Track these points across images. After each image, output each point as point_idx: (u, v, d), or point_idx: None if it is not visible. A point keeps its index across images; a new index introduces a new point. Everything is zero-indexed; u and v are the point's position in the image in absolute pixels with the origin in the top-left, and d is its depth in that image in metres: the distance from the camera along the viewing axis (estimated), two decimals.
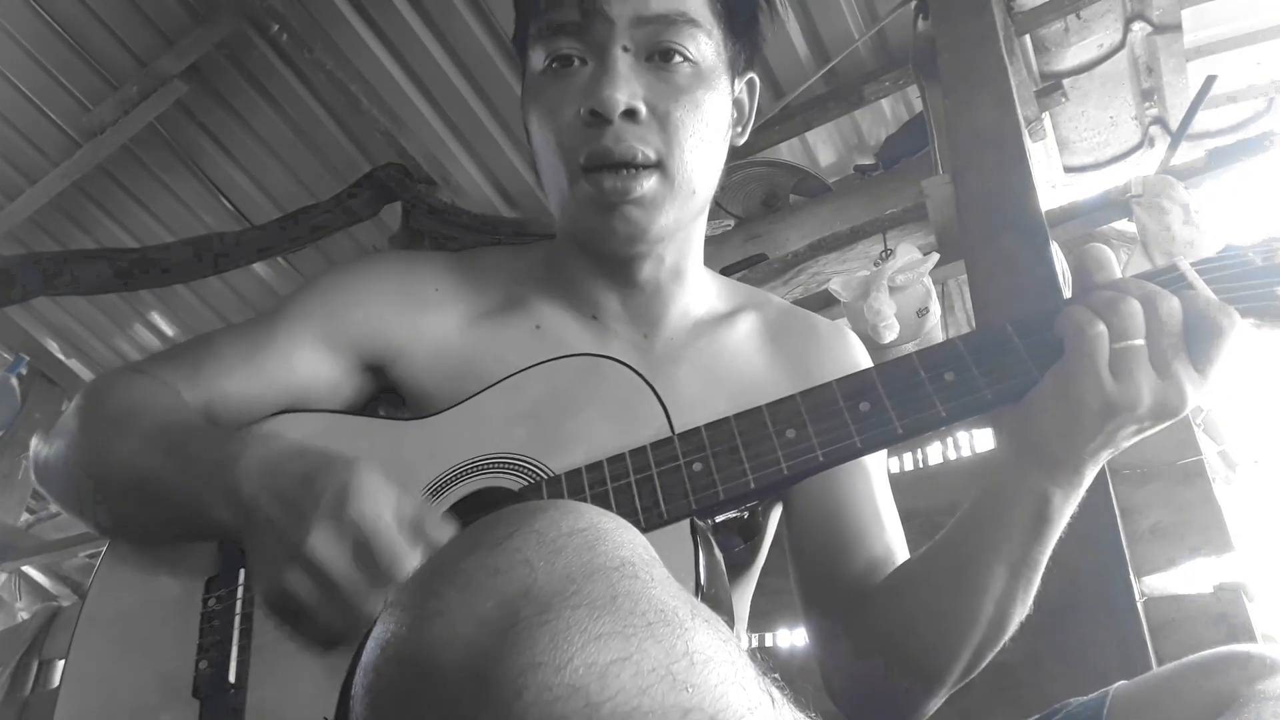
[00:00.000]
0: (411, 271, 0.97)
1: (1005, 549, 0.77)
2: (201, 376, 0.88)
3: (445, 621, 0.43)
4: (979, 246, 1.76)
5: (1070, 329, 0.70)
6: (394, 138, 3.07)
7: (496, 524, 0.48)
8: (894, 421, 0.71)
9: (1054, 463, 0.73)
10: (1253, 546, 1.48)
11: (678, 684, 0.41)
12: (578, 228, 0.91)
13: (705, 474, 0.72)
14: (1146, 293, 0.70)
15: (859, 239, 2.50)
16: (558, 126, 0.87)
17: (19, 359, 3.80)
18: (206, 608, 0.78)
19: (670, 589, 0.46)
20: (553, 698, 0.40)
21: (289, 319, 0.93)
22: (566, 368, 0.82)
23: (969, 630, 0.80)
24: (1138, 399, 0.68)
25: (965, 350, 0.73)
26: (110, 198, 3.59)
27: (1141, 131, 2.80)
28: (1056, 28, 2.55)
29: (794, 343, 1.02)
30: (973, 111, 1.91)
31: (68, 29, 3.07)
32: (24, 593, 3.93)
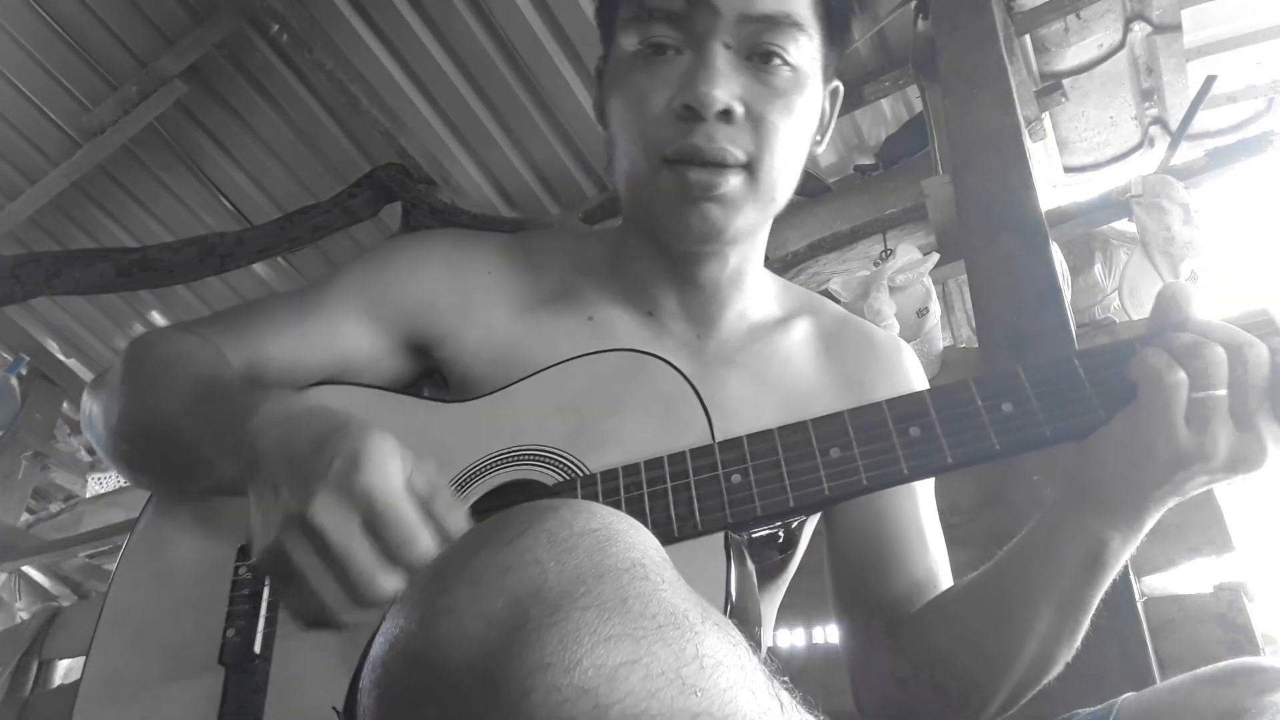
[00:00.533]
0: (466, 252, 0.95)
1: (1054, 590, 0.74)
2: (246, 337, 0.88)
3: (454, 619, 0.43)
4: (979, 246, 1.76)
5: (1147, 374, 0.65)
6: (394, 138, 3.07)
7: (508, 521, 0.48)
8: (945, 450, 0.68)
9: (1115, 508, 0.70)
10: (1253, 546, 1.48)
11: (687, 687, 0.41)
12: (652, 218, 0.87)
13: (744, 487, 0.70)
14: (1232, 338, 0.65)
15: (859, 239, 2.50)
16: (645, 114, 0.83)
17: (19, 359, 3.80)
18: (238, 575, 0.77)
19: (681, 592, 0.46)
20: (561, 699, 0.39)
21: (338, 289, 0.91)
22: (611, 362, 0.80)
23: (1010, 667, 0.78)
24: (1213, 452, 0.64)
25: (1027, 381, 0.69)
26: (110, 198, 3.59)
27: (1141, 131, 2.80)
28: (1056, 28, 2.56)
29: (848, 353, 0.99)
30: (973, 111, 1.91)
31: (68, 29, 3.07)
32: (24, 593, 3.93)
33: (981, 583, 0.81)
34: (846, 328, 1.01)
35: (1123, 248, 2.32)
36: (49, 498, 4.43)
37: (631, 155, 0.85)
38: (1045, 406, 0.68)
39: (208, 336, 0.88)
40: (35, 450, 3.79)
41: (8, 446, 3.72)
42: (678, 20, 0.82)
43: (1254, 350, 0.64)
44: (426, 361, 0.93)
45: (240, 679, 0.72)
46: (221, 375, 0.82)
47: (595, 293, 0.94)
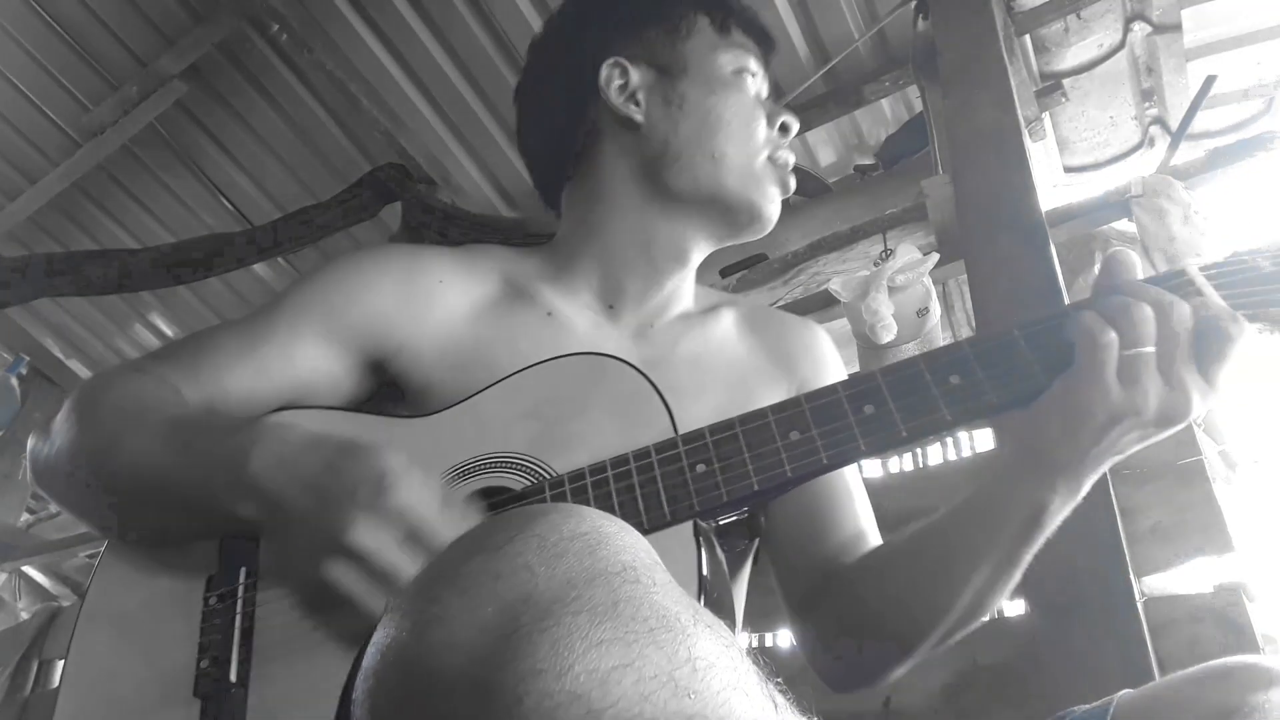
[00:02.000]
0: (414, 264, 0.97)
1: (993, 548, 0.79)
2: (201, 374, 0.88)
3: (446, 627, 0.43)
4: (979, 246, 1.76)
5: (1083, 336, 0.70)
6: (394, 138, 3.07)
7: (497, 528, 0.48)
8: (899, 425, 0.71)
9: (1056, 469, 0.73)
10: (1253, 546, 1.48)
11: (680, 690, 0.41)
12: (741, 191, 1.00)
13: (709, 475, 0.72)
14: (1158, 299, 0.69)
15: (859, 239, 2.50)
16: (756, 119, 1.01)
17: (19, 359, 3.80)
18: (208, 606, 0.77)
19: (673, 594, 0.46)
20: (554, 705, 0.39)
21: (289, 313, 0.92)
22: (572, 366, 0.82)
23: (944, 615, 0.83)
24: (1144, 405, 0.69)
25: (971, 354, 0.73)
26: (110, 198, 3.59)
27: (1141, 131, 2.80)
28: (1056, 28, 2.55)
29: (769, 333, 1.09)
30: (973, 111, 1.91)
31: (68, 29, 3.07)
32: (24, 593, 3.93)
33: (925, 535, 0.86)
34: (761, 313, 1.14)
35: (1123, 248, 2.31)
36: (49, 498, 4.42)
37: (743, 138, 1.00)
38: (990, 376, 0.72)
39: (159, 375, 0.88)
40: None
41: (8, 446, 3.71)
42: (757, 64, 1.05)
43: (1177, 309, 0.69)
44: (383, 375, 0.94)
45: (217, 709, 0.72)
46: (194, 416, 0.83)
47: (549, 291, 1.00)
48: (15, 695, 2.57)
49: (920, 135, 2.66)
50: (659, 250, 1.01)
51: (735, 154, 0.99)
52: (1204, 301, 0.70)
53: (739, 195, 0.99)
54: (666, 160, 0.99)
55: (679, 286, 1.05)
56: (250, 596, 0.77)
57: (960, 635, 0.86)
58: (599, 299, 1.02)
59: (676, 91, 1.00)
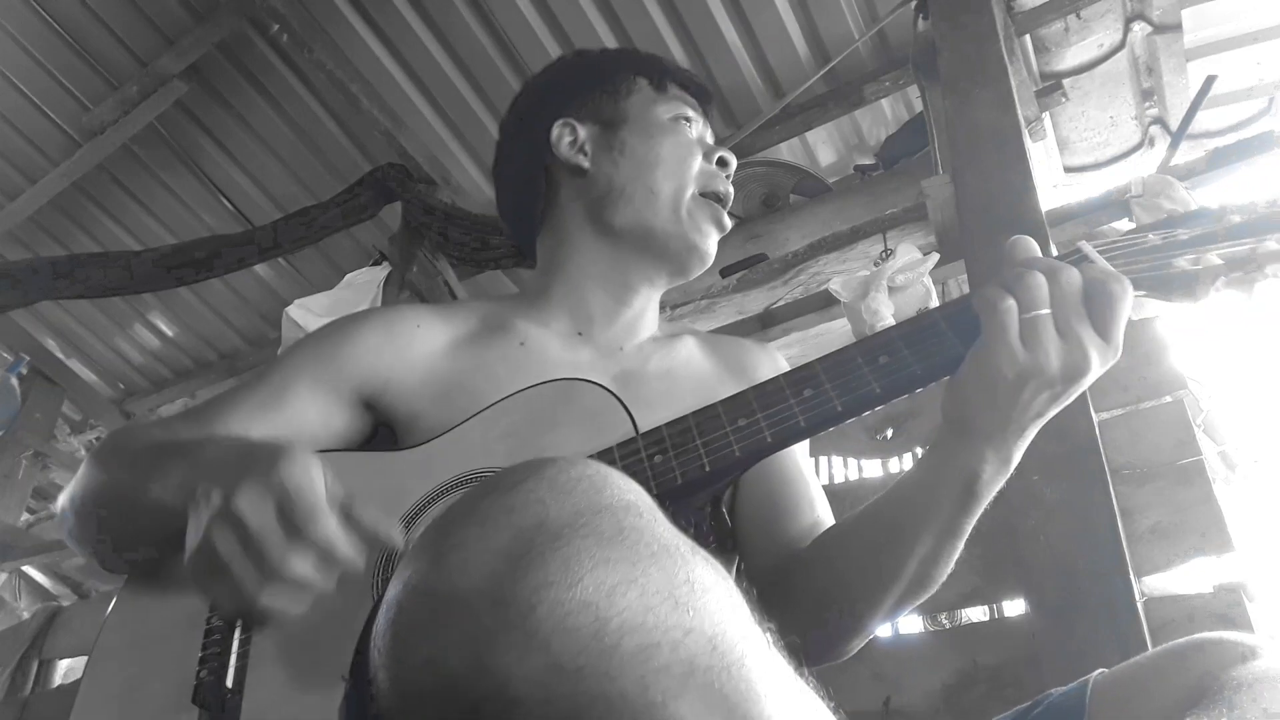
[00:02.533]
0: (394, 315, 1.09)
1: (933, 519, 0.84)
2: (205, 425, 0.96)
3: (463, 553, 0.47)
4: (979, 246, 1.76)
5: (983, 305, 0.76)
6: (394, 138, 3.07)
7: (509, 474, 0.52)
8: (834, 400, 0.79)
9: (982, 436, 0.79)
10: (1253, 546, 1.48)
11: (680, 606, 0.45)
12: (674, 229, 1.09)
13: (665, 464, 0.79)
14: (1049, 266, 0.77)
15: (859, 239, 2.50)
16: (693, 157, 1.11)
17: (19, 359, 3.80)
18: (210, 624, 0.83)
19: (671, 529, 0.50)
20: (565, 612, 0.43)
21: (282, 367, 1.02)
22: (544, 391, 0.90)
23: (893, 584, 0.88)
24: (1047, 363, 0.74)
25: (898, 336, 0.81)
26: (110, 198, 3.60)
27: (1141, 131, 2.80)
28: (1056, 28, 2.56)
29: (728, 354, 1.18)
30: (973, 111, 1.91)
31: (68, 29, 3.08)
32: (24, 593, 3.93)
33: (872, 512, 0.92)
34: (720, 339, 1.22)
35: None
36: (49, 498, 4.43)
37: (675, 176, 1.09)
38: (914, 352, 0.80)
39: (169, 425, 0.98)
40: (35, 450, 3.78)
41: (8, 446, 3.71)
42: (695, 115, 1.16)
43: (1065, 272, 0.76)
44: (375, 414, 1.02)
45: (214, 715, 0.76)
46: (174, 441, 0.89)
47: (524, 324, 1.09)
48: (15, 695, 2.57)
49: (920, 135, 2.66)
50: (614, 283, 1.12)
51: (667, 188, 1.09)
52: (1091, 266, 0.77)
53: (669, 226, 1.08)
54: (611, 198, 1.10)
55: (642, 313, 1.14)
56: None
57: (911, 606, 0.91)
58: (569, 326, 1.11)
59: (618, 139, 1.13)
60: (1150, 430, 1.46)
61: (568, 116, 1.15)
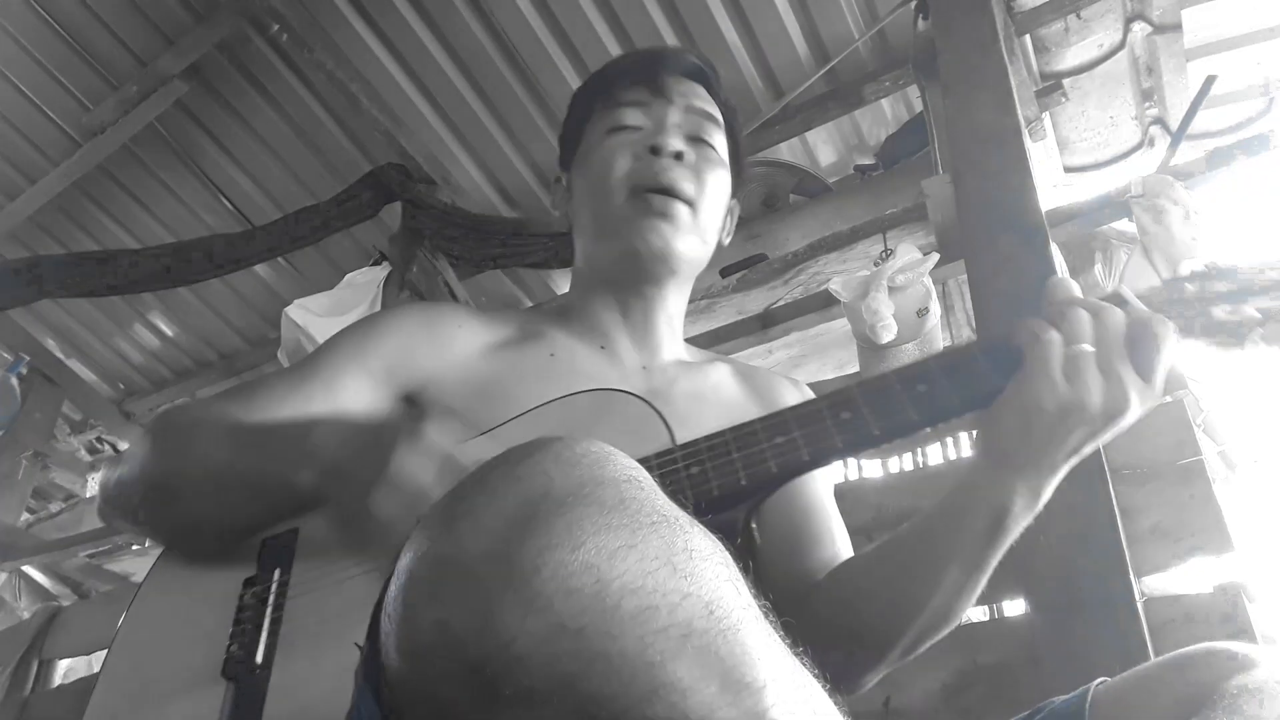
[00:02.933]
0: (435, 313, 1.11)
1: (958, 552, 0.83)
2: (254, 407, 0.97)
3: (471, 519, 0.49)
4: (979, 246, 1.76)
5: (1027, 336, 0.77)
6: (394, 138, 3.07)
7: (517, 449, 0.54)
8: (871, 425, 0.80)
9: (1014, 469, 0.78)
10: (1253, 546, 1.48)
11: (678, 571, 0.47)
12: (616, 242, 1.07)
13: (701, 475, 0.80)
14: (1093, 305, 0.78)
15: (859, 239, 2.50)
16: (616, 162, 1.08)
17: (19, 359, 3.80)
18: (242, 600, 0.86)
19: (671, 503, 0.52)
20: (568, 573, 0.45)
21: (329, 356, 1.03)
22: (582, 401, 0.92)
23: (914, 617, 0.87)
24: (1088, 399, 0.75)
25: (936, 366, 0.82)
26: (110, 198, 3.60)
27: (1141, 131, 2.80)
28: (1056, 28, 2.56)
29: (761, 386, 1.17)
30: (973, 111, 1.91)
31: (68, 29, 3.08)
32: (24, 593, 3.93)
33: (893, 543, 0.91)
34: (752, 371, 1.22)
35: (1123, 248, 2.32)
36: (49, 498, 4.43)
37: (602, 192, 1.07)
38: (951, 381, 0.80)
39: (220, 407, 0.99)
40: (35, 450, 3.78)
41: (8, 446, 3.71)
42: (642, 106, 1.11)
43: (1110, 312, 0.77)
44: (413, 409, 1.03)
45: (242, 690, 0.79)
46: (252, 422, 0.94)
47: (552, 333, 1.11)
48: (15, 695, 2.56)
49: (920, 135, 2.66)
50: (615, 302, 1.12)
51: (599, 209, 1.09)
52: (1134, 308, 0.78)
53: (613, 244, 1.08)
54: (580, 236, 1.15)
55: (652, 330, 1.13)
56: (282, 592, 0.85)
57: (930, 641, 0.90)
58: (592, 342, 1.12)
59: (575, 181, 1.15)
60: (1150, 430, 1.45)
61: (562, 170, 1.20)
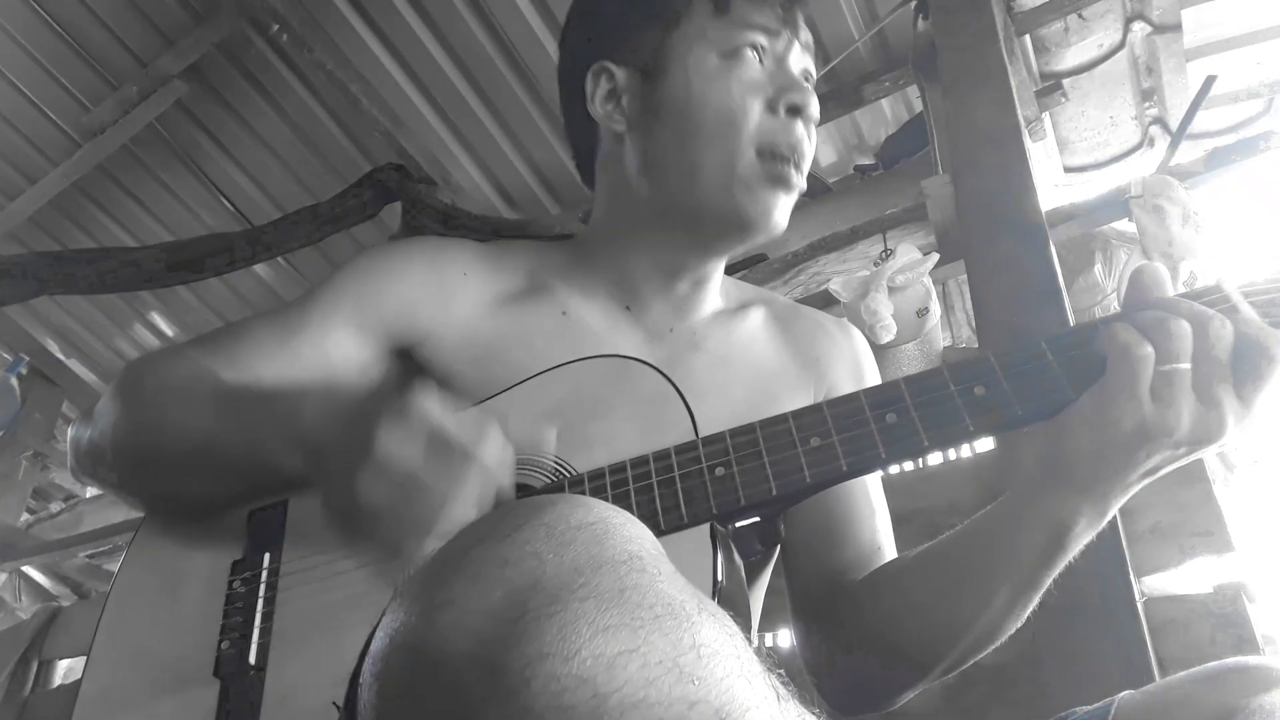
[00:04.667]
0: (440, 256, 0.98)
1: (1011, 569, 0.76)
2: (238, 361, 0.88)
3: (454, 611, 0.44)
4: (979, 246, 1.76)
5: (1115, 348, 0.67)
6: (394, 138, 3.07)
7: (505, 516, 0.49)
8: (920, 434, 0.70)
9: (1082, 488, 0.71)
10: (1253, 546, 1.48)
11: (684, 676, 0.41)
12: (723, 201, 0.91)
13: (728, 479, 0.72)
14: (1196, 314, 0.66)
15: (859, 239, 2.50)
16: (747, 111, 0.90)
17: (19, 359, 3.79)
18: (231, 589, 0.79)
19: (677, 584, 0.47)
20: (560, 688, 0.40)
21: (320, 305, 0.93)
22: (595, 368, 0.83)
23: (958, 637, 0.80)
24: (1176, 425, 0.66)
25: (997, 365, 0.71)
26: (110, 198, 3.59)
27: (1141, 131, 2.80)
28: (1056, 28, 2.56)
29: (802, 335, 1.04)
30: (973, 111, 1.91)
31: (68, 29, 3.07)
32: (24, 593, 3.92)
33: (938, 553, 0.83)
34: (798, 313, 1.08)
35: (1123, 248, 2.32)
36: (49, 498, 4.43)
37: (721, 139, 0.90)
38: (1015, 388, 0.70)
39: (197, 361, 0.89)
40: (35, 450, 3.78)
41: (8, 446, 3.71)
42: (770, 35, 0.93)
43: (1216, 324, 0.66)
44: (408, 363, 0.95)
45: (236, 690, 0.73)
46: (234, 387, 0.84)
47: (565, 290, 0.98)
48: (15, 695, 2.56)
49: (920, 135, 2.66)
50: (665, 258, 0.97)
51: (712, 159, 0.90)
52: (1244, 319, 0.66)
53: (721, 203, 0.91)
54: (647, 171, 0.95)
55: (695, 292, 1.00)
56: (273, 581, 0.79)
57: (972, 660, 0.83)
58: (616, 301, 0.99)
59: (656, 96, 0.94)
60: None
61: (606, 58, 0.97)
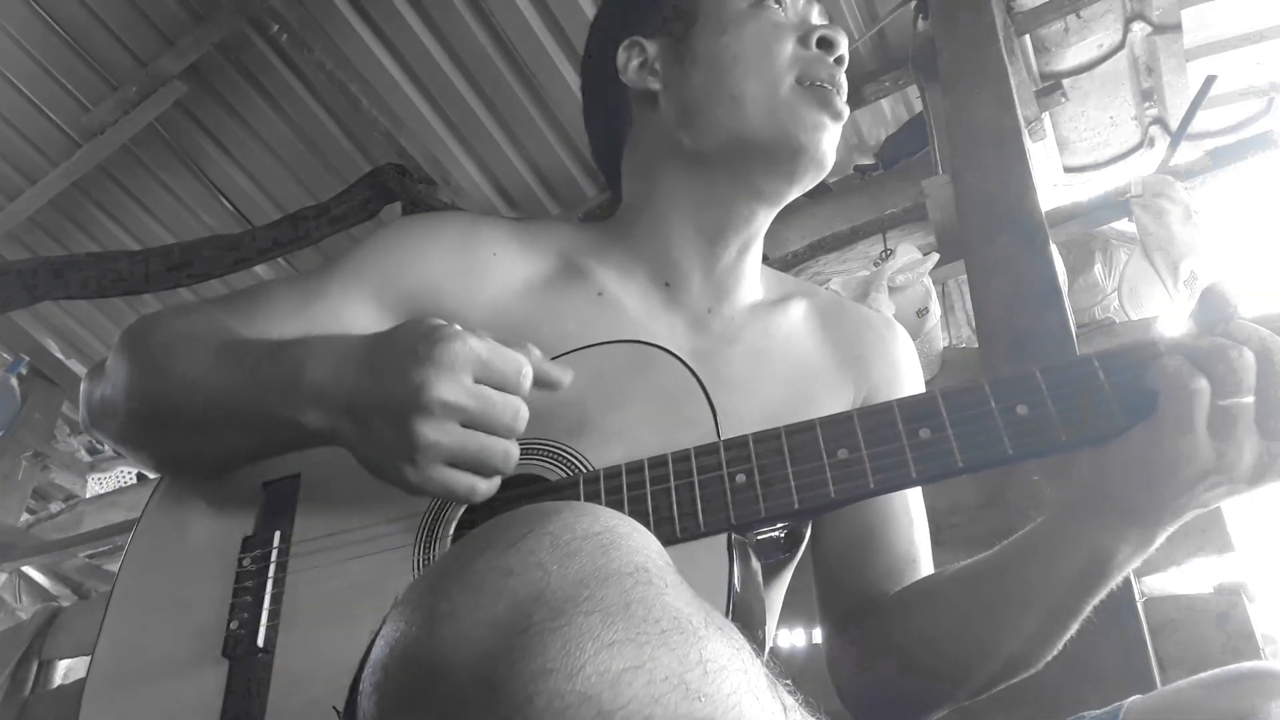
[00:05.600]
0: (469, 233, 0.95)
1: (1049, 594, 0.74)
2: (255, 322, 0.86)
3: (456, 623, 0.43)
4: (979, 246, 1.76)
5: (1168, 383, 0.62)
6: (394, 138, 3.07)
7: (510, 525, 0.48)
8: (956, 454, 0.65)
9: (1130, 518, 0.68)
10: (1253, 546, 1.48)
11: (691, 693, 0.41)
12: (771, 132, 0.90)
13: (748, 488, 0.69)
14: (1262, 342, 0.62)
15: (859, 239, 2.51)
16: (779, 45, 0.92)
17: (19, 359, 3.80)
18: (241, 567, 0.78)
19: (684, 596, 0.46)
20: (564, 705, 0.39)
21: (343, 275, 0.91)
22: (617, 355, 0.80)
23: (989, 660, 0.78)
24: (1237, 462, 0.62)
25: (1044, 383, 0.66)
26: (110, 198, 3.59)
27: (1141, 131, 2.80)
28: (1056, 28, 2.56)
29: (845, 330, 1.01)
30: (973, 111, 1.91)
31: (68, 29, 3.07)
32: (24, 593, 3.92)
33: (973, 574, 0.80)
34: (842, 308, 1.05)
35: (1123, 248, 2.32)
36: (49, 498, 4.43)
37: (758, 71, 0.91)
38: (1062, 411, 0.65)
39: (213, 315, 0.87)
40: (35, 450, 3.78)
41: (8, 446, 3.71)
42: None
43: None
44: None
45: (244, 671, 0.73)
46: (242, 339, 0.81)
47: (602, 270, 0.95)
48: (15, 695, 2.56)
49: (920, 135, 2.66)
50: (708, 220, 0.95)
51: (754, 87, 0.90)
52: None
53: (768, 131, 0.89)
54: (687, 119, 0.93)
55: (741, 263, 0.97)
56: (283, 561, 0.78)
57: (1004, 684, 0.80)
58: (654, 278, 0.96)
59: (688, 47, 0.95)
60: None
61: (634, 35, 0.99)
